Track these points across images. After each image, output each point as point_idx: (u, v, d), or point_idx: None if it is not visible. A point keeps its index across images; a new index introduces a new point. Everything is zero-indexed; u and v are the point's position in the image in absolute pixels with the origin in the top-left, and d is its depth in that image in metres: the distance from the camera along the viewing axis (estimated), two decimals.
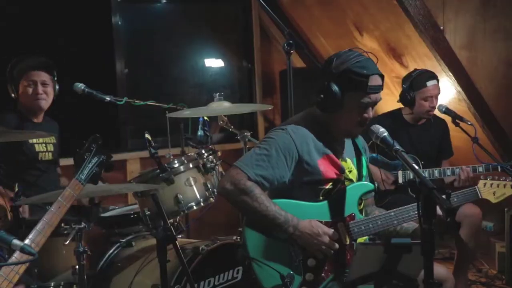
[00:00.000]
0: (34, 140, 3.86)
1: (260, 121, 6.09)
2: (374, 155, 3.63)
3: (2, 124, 3.74)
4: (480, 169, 3.90)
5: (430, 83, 4.10)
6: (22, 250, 1.76)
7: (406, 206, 2.65)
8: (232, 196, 2.57)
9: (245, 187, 2.52)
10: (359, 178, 2.77)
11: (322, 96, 2.59)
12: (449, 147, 4.36)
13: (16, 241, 1.76)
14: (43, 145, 3.93)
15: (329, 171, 2.63)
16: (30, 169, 3.85)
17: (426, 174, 3.89)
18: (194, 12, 6.06)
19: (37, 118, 3.95)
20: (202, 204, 3.36)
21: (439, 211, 2.10)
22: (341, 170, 2.66)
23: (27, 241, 2.06)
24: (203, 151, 3.47)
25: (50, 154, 3.97)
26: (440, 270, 2.80)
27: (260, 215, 2.52)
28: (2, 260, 2.50)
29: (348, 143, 2.78)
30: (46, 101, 3.87)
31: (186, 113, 3.74)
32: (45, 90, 3.85)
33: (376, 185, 2.85)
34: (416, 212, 2.54)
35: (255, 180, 2.53)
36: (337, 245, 2.52)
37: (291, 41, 3.32)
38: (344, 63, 2.58)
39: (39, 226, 2.14)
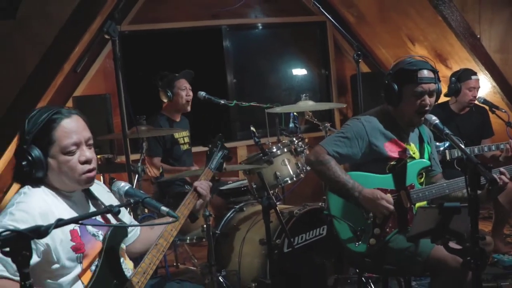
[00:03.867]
0: (176, 135, 4.02)
1: (336, 115, 6.01)
2: None
3: (158, 123, 3.94)
4: None
5: (474, 77, 3.99)
6: (168, 214, 1.78)
7: (456, 179, 2.55)
8: (313, 165, 2.57)
9: (323, 159, 2.52)
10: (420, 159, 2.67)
11: (384, 92, 2.57)
12: (490, 129, 4.16)
13: (163, 208, 1.78)
14: (182, 139, 4.08)
15: (394, 152, 2.58)
16: (175, 156, 4.02)
17: (468, 151, 3.75)
18: (283, 34, 6.05)
19: (177, 117, 4.10)
20: (294, 179, 3.37)
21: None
22: (405, 151, 2.59)
23: (176, 211, 2.08)
24: (294, 139, 3.47)
25: (187, 144, 4.12)
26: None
27: (334, 181, 2.51)
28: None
29: (414, 132, 2.70)
30: (190, 103, 4.05)
31: (279, 109, 3.76)
32: (191, 94, 4.03)
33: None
34: (464, 184, 2.49)
35: (332, 154, 2.52)
36: (392, 207, 2.45)
37: (359, 52, 3.27)
38: (398, 65, 2.55)
39: (185, 201, 2.17)
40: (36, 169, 1.79)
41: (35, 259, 1.69)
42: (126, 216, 2.14)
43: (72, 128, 1.83)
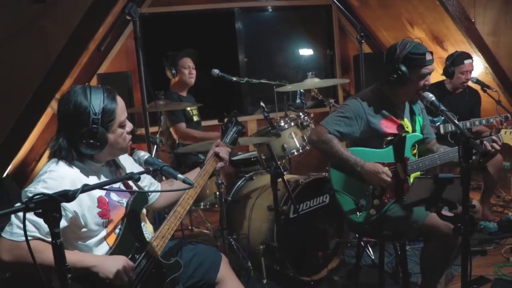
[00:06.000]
0: (187, 108, 4.02)
1: (340, 92, 5.97)
2: None
3: (168, 98, 3.91)
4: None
5: (466, 61, 3.93)
6: (184, 181, 1.77)
7: (446, 151, 2.55)
8: (316, 144, 2.55)
9: (325, 138, 2.50)
10: (412, 132, 2.66)
11: (395, 76, 2.47)
12: (478, 112, 4.12)
13: (180, 175, 1.78)
14: (191, 111, 4.07)
15: (390, 128, 2.56)
16: (190, 126, 3.98)
17: (460, 125, 3.73)
18: (292, 16, 5.97)
19: (184, 93, 4.08)
20: (300, 150, 3.36)
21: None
22: (400, 127, 2.58)
23: (194, 180, 2.07)
24: (301, 114, 3.45)
25: (197, 116, 4.11)
26: (474, 202, 2.68)
27: (337, 157, 2.50)
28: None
29: (406, 107, 2.67)
30: (194, 79, 4.01)
31: (289, 87, 3.72)
32: (194, 72, 3.98)
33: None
34: (453, 155, 2.49)
35: (333, 133, 2.51)
36: (390, 180, 2.44)
37: (362, 34, 3.21)
38: (404, 49, 2.48)
39: (200, 172, 2.15)
40: (101, 146, 1.82)
41: (63, 223, 1.72)
42: (147, 178, 2.16)
43: (123, 104, 1.89)
